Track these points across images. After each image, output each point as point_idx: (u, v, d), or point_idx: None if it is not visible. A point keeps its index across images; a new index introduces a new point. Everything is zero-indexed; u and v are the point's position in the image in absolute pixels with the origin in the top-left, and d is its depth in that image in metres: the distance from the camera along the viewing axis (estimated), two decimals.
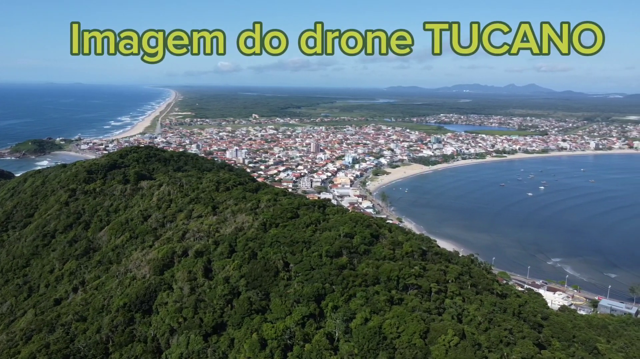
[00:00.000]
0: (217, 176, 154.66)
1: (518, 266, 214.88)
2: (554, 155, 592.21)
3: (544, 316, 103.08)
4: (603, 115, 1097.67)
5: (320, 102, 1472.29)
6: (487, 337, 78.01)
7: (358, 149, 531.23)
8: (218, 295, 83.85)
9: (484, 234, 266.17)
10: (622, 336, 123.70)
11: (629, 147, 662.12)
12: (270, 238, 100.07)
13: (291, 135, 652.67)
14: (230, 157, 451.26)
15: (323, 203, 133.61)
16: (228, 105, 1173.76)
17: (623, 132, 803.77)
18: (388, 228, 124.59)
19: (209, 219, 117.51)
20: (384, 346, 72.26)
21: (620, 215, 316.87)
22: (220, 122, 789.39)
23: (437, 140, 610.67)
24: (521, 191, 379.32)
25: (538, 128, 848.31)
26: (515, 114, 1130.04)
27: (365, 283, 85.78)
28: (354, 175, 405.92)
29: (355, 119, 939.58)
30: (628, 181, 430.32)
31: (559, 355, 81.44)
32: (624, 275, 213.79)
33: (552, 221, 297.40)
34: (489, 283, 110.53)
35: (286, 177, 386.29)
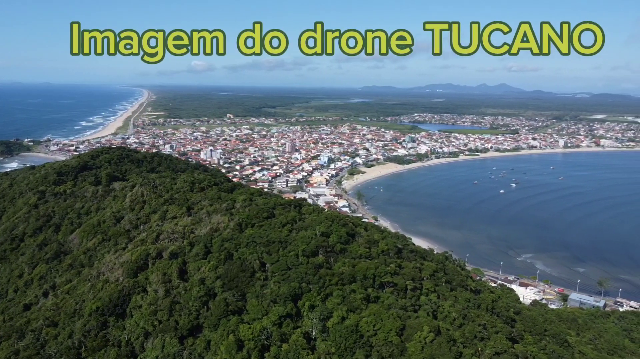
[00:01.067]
0: (191, 176, 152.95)
1: (491, 263, 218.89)
2: (525, 153, 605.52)
3: (517, 311, 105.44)
4: (571, 114, 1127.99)
5: (296, 101, 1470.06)
6: (461, 333, 79.36)
7: (333, 148, 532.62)
8: (194, 297, 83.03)
9: (457, 231, 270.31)
10: (591, 328, 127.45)
11: (596, 145, 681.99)
12: (246, 238, 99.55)
13: (266, 134, 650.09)
14: (205, 157, 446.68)
15: (299, 202, 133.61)
16: (202, 104, 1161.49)
17: (590, 130, 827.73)
18: (364, 226, 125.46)
19: (184, 220, 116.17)
20: (360, 344, 72.77)
21: (587, 211, 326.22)
22: (194, 122, 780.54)
23: (412, 139, 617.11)
24: (493, 189, 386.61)
25: (509, 127, 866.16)
26: (487, 113, 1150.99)
27: (341, 282, 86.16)
28: (330, 175, 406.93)
29: (330, 119, 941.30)
30: (595, 178, 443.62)
31: (531, 349, 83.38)
32: (592, 269, 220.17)
33: (523, 218, 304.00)
34: (463, 279, 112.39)
35: (262, 176, 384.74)
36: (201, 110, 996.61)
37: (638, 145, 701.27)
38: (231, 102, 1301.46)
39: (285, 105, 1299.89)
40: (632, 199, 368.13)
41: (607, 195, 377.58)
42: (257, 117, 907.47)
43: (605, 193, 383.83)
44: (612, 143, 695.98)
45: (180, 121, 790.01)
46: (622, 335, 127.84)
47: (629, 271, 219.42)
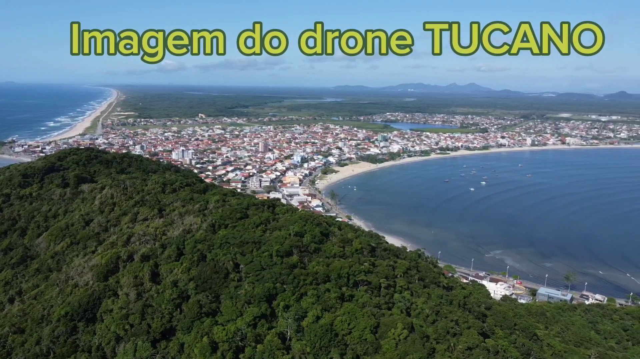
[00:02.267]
0: (163, 177, 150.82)
1: (462, 259, 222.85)
2: (494, 151, 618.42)
3: (488, 306, 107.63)
4: (538, 113, 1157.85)
5: (268, 101, 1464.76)
6: (434, 329, 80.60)
7: (307, 148, 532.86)
8: (166, 300, 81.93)
9: (430, 229, 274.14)
10: (558, 321, 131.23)
11: (561, 143, 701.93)
12: (220, 239, 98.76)
13: (239, 134, 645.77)
14: (177, 157, 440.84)
15: (272, 202, 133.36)
16: (173, 104, 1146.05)
17: (556, 129, 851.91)
18: (338, 226, 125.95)
19: (155, 222, 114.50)
20: (335, 343, 73.10)
21: (554, 207, 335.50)
22: (165, 122, 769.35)
23: (384, 138, 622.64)
24: (464, 186, 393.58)
25: (479, 126, 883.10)
26: (457, 112, 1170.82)
27: (316, 281, 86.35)
28: (303, 174, 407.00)
29: (303, 118, 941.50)
30: (561, 175, 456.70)
31: (502, 343, 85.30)
32: (559, 263, 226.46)
33: (493, 215, 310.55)
34: (436, 276, 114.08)
35: (235, 177, 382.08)
36: (172, 110, 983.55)
37: (602, 142, 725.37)
38: (203, 101, 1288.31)
39: (258, 104, 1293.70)
40: (595, 194, 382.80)
41: (572, 191, 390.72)
42: (229, 117, 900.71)
43: (571, 189, 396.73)
44: (577, 141, 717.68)
45: (150, 121, 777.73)
46: (588, 327, 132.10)
47: (593, 265, 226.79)
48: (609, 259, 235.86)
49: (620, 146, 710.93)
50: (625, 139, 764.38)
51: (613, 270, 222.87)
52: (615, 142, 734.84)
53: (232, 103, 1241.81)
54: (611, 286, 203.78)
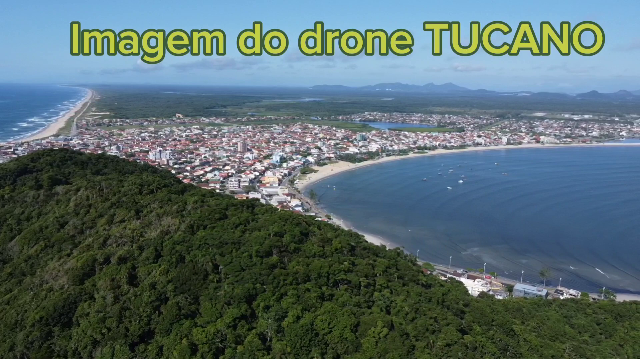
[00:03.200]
0: (140, 178, 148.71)
1: (441, 257, 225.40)
2: (471, 150, 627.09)
3: (466, 303, 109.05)
4: (513, 112, 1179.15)
5: (247, 101, 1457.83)
6: (414, 326, 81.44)
7: (285, 148, 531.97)
8: (144, 302, 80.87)
9: (408, 227, 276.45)
10: (534, 317, 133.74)
11: (536, 142, 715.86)
12: (199, 240, 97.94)
13: (217, 134, 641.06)
14: (154, 158, 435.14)
15: (252, 202, 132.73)
16: (150, 104, 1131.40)
17: (531, 128, 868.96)
18: (317, 225, 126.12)
19: (133, 223, 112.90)
20: (316, 343, 73.26)
21: (530, 205, 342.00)
22: (141, 122, 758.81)
23: (363, 137, 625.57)
24: (442, 185, 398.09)
25: (456, 125, 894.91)
26: (434, 112, 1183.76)
27: (296, 281, 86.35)
28: (282, 174, 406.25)
29: (282, 118, 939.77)
30: (535, 173, 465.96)
31: (480, 339, 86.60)
32: (534, 260, 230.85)
33: (470, 213, 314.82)
34: (415, 274, 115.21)
35: (213, 177, 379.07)
36: (149, 110, 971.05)
37: (574, 141, 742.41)
38: (180, 101, 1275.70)
39: (236, 104, 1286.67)
40: (566, 191, 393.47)
41: (545, 188, 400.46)
42: (207, 117, 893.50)
43: (544, 187, 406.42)
44: (551, 139, 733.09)
45: (126, 121, 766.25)
46: (563, 322, 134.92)
47: (565, 261, 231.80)
48: (579, 254, 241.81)
49: (592, 144, 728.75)
50: (597, 137, 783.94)
51: (583, 265, 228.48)
52: (587, 141, 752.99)
53: (210, 103, 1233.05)
54: (584, 281, 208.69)
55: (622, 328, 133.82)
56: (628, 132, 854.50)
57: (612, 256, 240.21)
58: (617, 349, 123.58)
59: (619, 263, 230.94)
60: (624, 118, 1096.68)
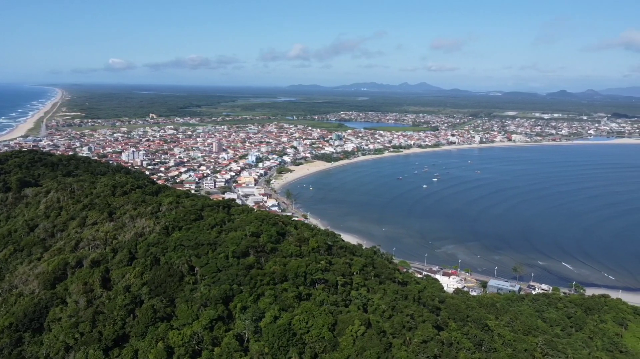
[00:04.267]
0: (112, 180, 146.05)
1: (416, 255, 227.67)
2: (445, 148, 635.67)
3: (441, 299, 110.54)
4: (486, 111, 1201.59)
5: (221, 100, 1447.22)
6: (391, 324, 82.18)
7: (261, 148, 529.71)
8: (118, 306, 79.47)
9: (384, 226, 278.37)
10: (508, 312, 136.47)
11: (508, 140, 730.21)
12: (174, 241, 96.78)
13: (192, 135, 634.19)
14: (127, 159, 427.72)
15: (228, 203, 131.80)
16: (122, 104, 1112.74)
17: (503, 126, 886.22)
18: (294, 225, 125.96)
19: (106, 226, 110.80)
20: (294, 342, 73.23)
21: (501, 202, 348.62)
22: (114, 123, 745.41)
23: (338, 137, 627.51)
24: (417, 184, 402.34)
25: (430, 124, 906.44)
26: (409, 111, 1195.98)
27: (273, 281, 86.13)
28: (258, 174, 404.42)
29: (257, 118, 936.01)
30: (507, 171, 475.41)
31: (455, 335, 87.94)
32: (507, 256, 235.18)
33: (445, 211, 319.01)
34: (391, 272, 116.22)
35: (188, 178, 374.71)
36: (121, 110, 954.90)
37: (545, 139, 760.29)
38: (153, 101, 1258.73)
39: (211, 104, 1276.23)
40: (537, 187, 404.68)
41: (516, 185, 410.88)
42: (181, 117, 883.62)
43: (515, 184, 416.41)
44: (522, 138, 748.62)
45: (98, 121, 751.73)
46: (535, 316, 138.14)
47: (534, 256, 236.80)
48: (546, 249, 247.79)
49: (561, 142, 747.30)
50: (566, 136, 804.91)
51: (551, 260, 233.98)
52: (557, 139, 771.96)
53: (184, 103, 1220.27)
54: (555, 276, 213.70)
55: (592, 320, 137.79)
56: (596, 131, 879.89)
57: (578, 250, 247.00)
58: (587, 342, 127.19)
59: (585, 257, 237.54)
60: (592, 117, 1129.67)
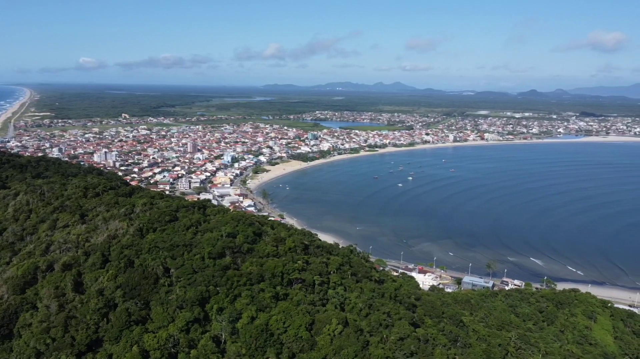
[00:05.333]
0: (84, 181, 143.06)
1: (392, 253, 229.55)
2: (420, 147, 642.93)
3: (417, 296, 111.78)
4: (459, 111, 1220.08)
5: (196, 100, 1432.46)
6: (368, 322, 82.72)
7: (237, 148, 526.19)
8: (91, 310, 77.92)
9: (361, 225, 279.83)
10: (482, 307, 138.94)
11: (481, 139, 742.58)
12: (148, 243, 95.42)
13: (166, 135, 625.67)
14: (99, 160, 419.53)
15: (203, 204, 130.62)
16: (94, 104, 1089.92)
17: (476, 125, 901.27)
18: (270, 225, 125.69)
19: (77, 228, 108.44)
20: (271, 343, 73.07)
21: (474, 199, 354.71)
22: (85, 123, 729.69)
23: (314, 136, 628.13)
24: (392, 182, 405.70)
25: (405, 123, 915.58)
26: (384, 110, 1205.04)
27: (250, 282, 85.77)
28: (234, 174, 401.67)
29: (232, 117, 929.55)
30: (480, 169, 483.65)
31: (431, 331, 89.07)
32: (480, 253, 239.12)
33: (420, 209, 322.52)
34: (368, 271, 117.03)
35: (162, 178, 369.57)
36: (93, 110, 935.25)
37: (516, 138, 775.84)
38: (126, 101, 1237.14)
39: (185, 104, 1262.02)
40: (508, 184, 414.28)
41: (489, 182, 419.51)
42: (155, 117, 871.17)
43: (486, 181, 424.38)
44: (494, 136, 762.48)
45: (69, 122, 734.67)
46: (508, 311, 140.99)
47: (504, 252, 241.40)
48: (515, 245, 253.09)
49: (532, 141, 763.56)
50: (537, 134, 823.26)
51: (520, 255, 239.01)
52: (528, 137, 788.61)
53: (157, 103, 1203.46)
54: (527, 272, 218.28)
55: (563, 314, 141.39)
56: (565, 129, 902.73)
57: (545, 246, 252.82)
58: (559, 335, 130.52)
59: (552, 253, 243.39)
60: (561, 115, 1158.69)
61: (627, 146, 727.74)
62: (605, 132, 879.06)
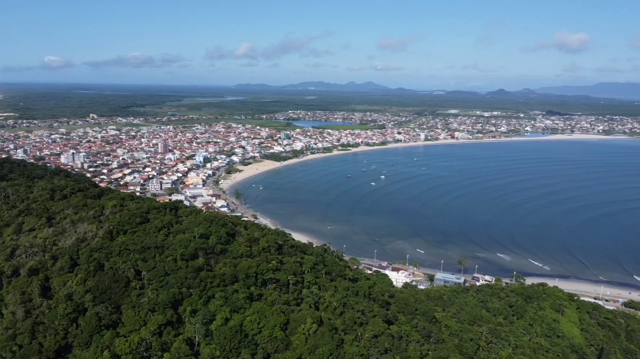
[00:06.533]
0: (51, 183, 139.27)
1: (366, 251, 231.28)
2: (392, 146, 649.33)
3: (391, 294, 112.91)
4: (430, 110, 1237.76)
5: (166, 100, 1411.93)
6: (342, 321, 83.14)
7: (209, 148, 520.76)
8: (60, 315, 76.05)
9: (335, 224, 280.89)
10: (454, 303, 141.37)
11: (451, 137, 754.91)
12: (119, 246, 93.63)
13: (136, 135, 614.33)
14: (67, 161, 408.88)
15: (175, 205, 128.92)
16: (60, 104, 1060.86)
17: (446, 124, 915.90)
18: (244, 225, 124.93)
19: (44, 232, 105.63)
20: (246, 344, 72.69)
21: (445, 197, 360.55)
22: (51, 123, 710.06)
23: (287, 136, 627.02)
24: (365, 181, 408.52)
25: (377, 123, 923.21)
26: (356, 110, 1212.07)
27: (223, 283, 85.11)
28: (206, 175, 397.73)
29: (204, 117, 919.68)
30: (452, 168, 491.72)
31: (405, 328, 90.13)
32: (450, 250, 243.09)
33: (393, 207, 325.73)
34: (342, 269, 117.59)
35: (133, 180, 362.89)
36: (59, 110, 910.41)
37: (485, 136, 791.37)
38: (94, 101, 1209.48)
39: (156, 103, 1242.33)
40: (475, 181, 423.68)
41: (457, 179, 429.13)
42: (124, 117, 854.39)
43: (458, 179, 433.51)
44: (464, 135, 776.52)
45: (34, 122, 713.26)
46: (479, 306, 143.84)
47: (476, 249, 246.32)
48: (482, 241, 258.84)
49: (501, 139, 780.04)
50: (505, 133, 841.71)
51: (487, 251, 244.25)
52: (496, 136, 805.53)
53: (127, 103, 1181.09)
54: (496, 267, 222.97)
55: (532, 308, 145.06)
56: (532, 127, 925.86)
57: (510, 242, 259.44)
58: (528, 329, 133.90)
59: (517, 248, 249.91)
60: (528, 114, 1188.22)
61: (590, 143, 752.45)
62: (570, 130, 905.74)
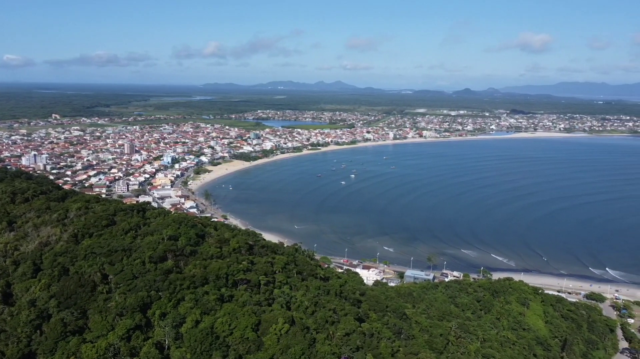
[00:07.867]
0: (11, 186, 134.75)
1: (337, 250, 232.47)
2: (361, 145, 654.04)
3: (362, 292, 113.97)
4: (398, 109, 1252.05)
5: (133, 99, 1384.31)
6: (314, 320, 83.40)
7: (177, 148, 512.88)
8: (23, 322, 73.63)
9: (306, 223, 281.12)
10: (424, 300, 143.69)
11: (419, 136, 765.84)
12: (84, 249, 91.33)
13: (101, 136, 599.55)
14: (28, 163, 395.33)
15: (142, 206, 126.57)
16: (20, 104, 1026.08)
17: (414, 123, 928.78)
18: (214, 226, 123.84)
19: (5, 236, 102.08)
20: (217, 346, 72.04)
21: (412, 194, 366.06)
22: (11, 124, 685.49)
23: (256, 135, 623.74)
24: (336, 180, 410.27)
25: (346, 122, 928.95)
26: (326, 109, 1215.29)
27: (193, 285, 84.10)
28: (175, 175, 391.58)
29: (172, 117, 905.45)
30: (420, 166, 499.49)
31: (376, 325, 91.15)
32: (419, 247, 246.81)
33: (363, 206, 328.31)
34: (313, 268, 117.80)
35: (98, 181, 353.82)
36: (19, 110, 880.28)
37: (452, 135, 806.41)
38: (57, 100, 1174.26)
39: (121, 103, 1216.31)
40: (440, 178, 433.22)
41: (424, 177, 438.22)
42: (88, 117, 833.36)
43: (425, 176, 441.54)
44: (432, 134, 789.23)
45: None
46: (448, 302, 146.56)
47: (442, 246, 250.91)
48: (446, 238, 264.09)
49: (467, 137, 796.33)
50: (471, 131, 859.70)
51: (452, 248, 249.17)
52: (463, 134, 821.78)
53: (91, 102, 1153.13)
54: (464, 263, 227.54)
55: (498, 302, 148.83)
56: (497, 126, 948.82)
57: (473, 238, 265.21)
58: (495, 323, 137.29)
59: (480, 243, 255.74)
60: (493, 113, 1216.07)
61: (552, 141, 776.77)
62: (533, 129, 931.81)
